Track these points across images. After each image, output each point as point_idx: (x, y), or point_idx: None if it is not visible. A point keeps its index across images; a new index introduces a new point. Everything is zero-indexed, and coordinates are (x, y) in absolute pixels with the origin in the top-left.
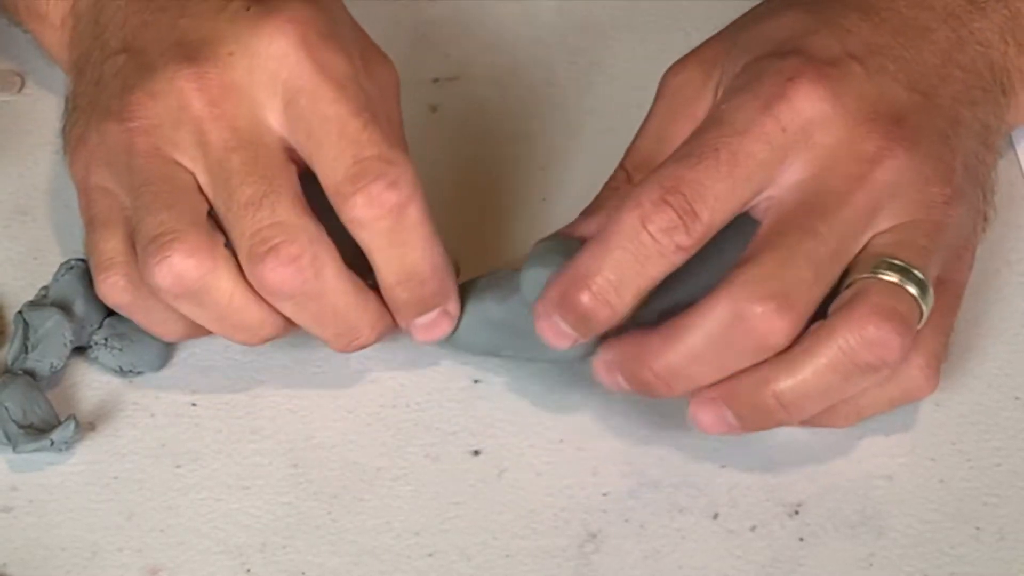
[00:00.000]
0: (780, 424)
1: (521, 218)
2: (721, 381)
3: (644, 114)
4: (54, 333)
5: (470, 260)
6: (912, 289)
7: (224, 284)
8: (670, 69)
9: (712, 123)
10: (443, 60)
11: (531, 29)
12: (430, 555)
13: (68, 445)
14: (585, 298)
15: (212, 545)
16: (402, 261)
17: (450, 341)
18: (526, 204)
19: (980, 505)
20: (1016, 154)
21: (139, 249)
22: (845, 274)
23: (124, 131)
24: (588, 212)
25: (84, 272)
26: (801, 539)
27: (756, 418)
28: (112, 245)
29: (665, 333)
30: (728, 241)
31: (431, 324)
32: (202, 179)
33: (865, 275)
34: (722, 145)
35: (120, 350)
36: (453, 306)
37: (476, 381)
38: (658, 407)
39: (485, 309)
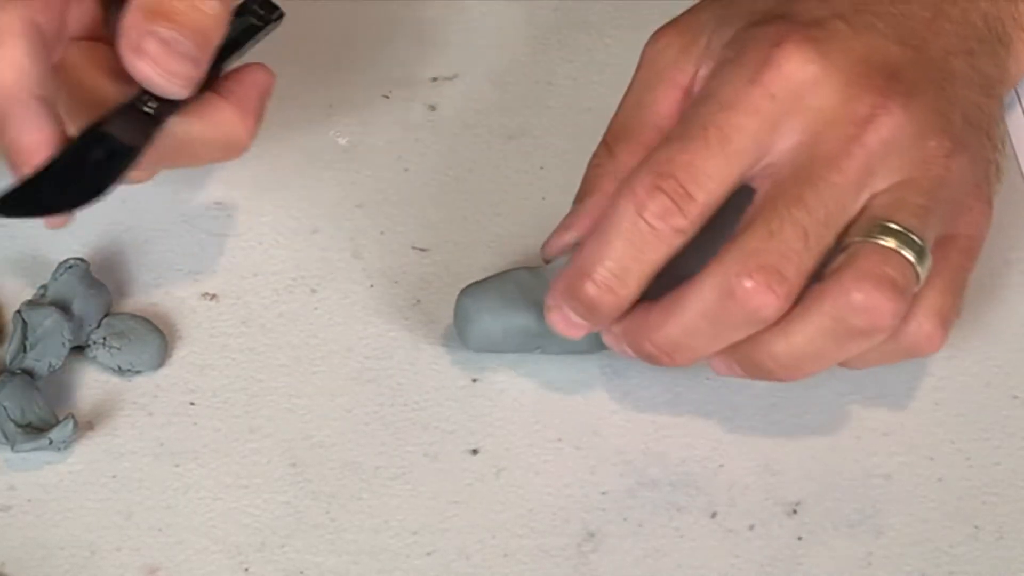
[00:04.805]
0: (784, 380)
1: (521, 217)
2: None
3: None
4: (52, 332)
5: (470, 260)
6: (907, 252)
7: None
8: (651, 39)
9: (700, 100)
10: (442, 60)
11: (531, 29)
12: (429, 554)
13: (66, 444)
14: (590, 289)
15: (210, 544)
16: None
17: (479, 345)
18: (526, 204)
19: (979, 504)
20: (1016, 154)
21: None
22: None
23: None
24: (579, 197)
25: (83, 272)
26: (800, 538)
27: (759, 374)
28: None
29: (662, 307)
30: (733, 213)
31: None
32: None
33: (858, 239)
34: (710, 122)
35: (118, 349)
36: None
37: (475, 380)
38: (657, 407)
39: (519, 317)
